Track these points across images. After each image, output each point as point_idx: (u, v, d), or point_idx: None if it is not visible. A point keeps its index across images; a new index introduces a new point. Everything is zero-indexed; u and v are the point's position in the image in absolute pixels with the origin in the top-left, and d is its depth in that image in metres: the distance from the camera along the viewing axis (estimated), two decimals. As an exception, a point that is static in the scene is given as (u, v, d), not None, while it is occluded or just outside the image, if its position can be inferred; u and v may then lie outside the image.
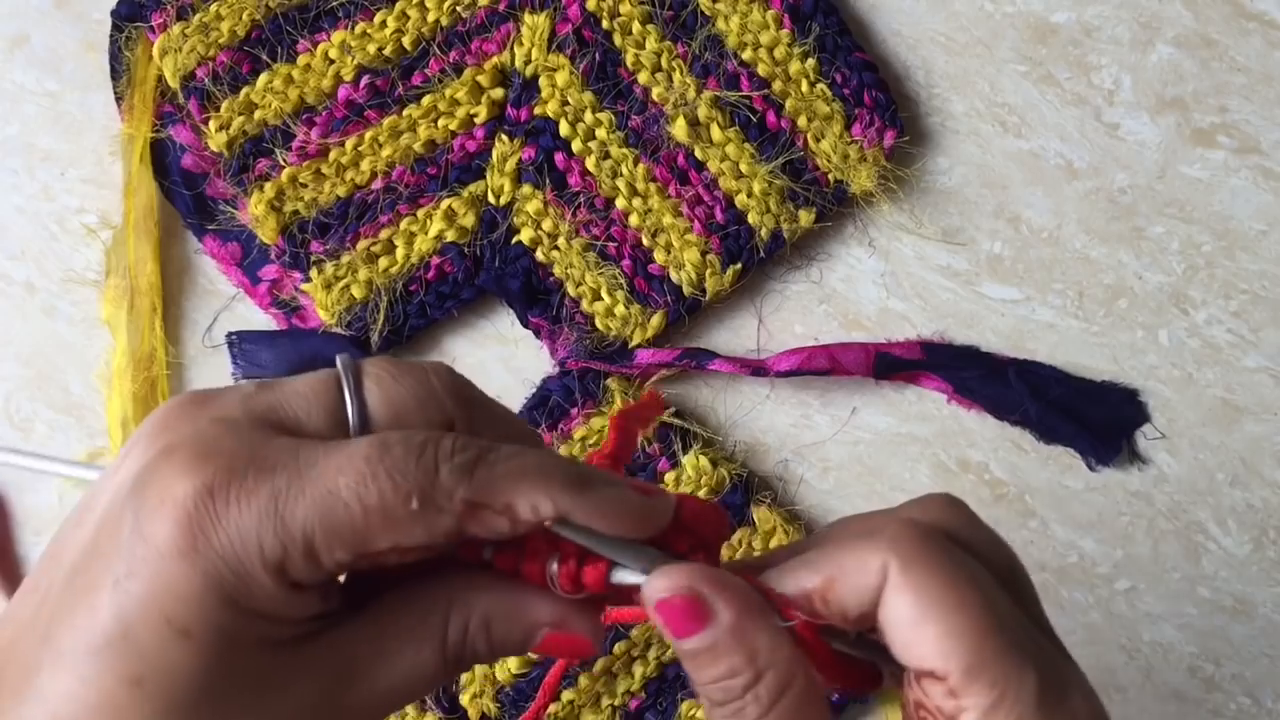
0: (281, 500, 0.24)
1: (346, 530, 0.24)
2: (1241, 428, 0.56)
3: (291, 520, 0.24)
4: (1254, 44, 0.57)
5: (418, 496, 0.24)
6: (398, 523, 0.24)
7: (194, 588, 0.24)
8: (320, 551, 0.24)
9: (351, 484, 0.24)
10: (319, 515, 0.24)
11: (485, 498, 0.25)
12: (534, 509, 0.26)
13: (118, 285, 0.58)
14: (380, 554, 0.25)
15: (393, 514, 0.24)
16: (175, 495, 0.24)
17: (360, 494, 0.24)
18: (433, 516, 0.25)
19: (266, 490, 0.24)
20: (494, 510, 0.25)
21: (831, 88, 0.56)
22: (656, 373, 0.57)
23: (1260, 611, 0.56)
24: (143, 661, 0.23)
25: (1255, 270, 0.57)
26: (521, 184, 0.57)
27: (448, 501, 0.25)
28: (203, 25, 0.56)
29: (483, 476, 0.25)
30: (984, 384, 0.56)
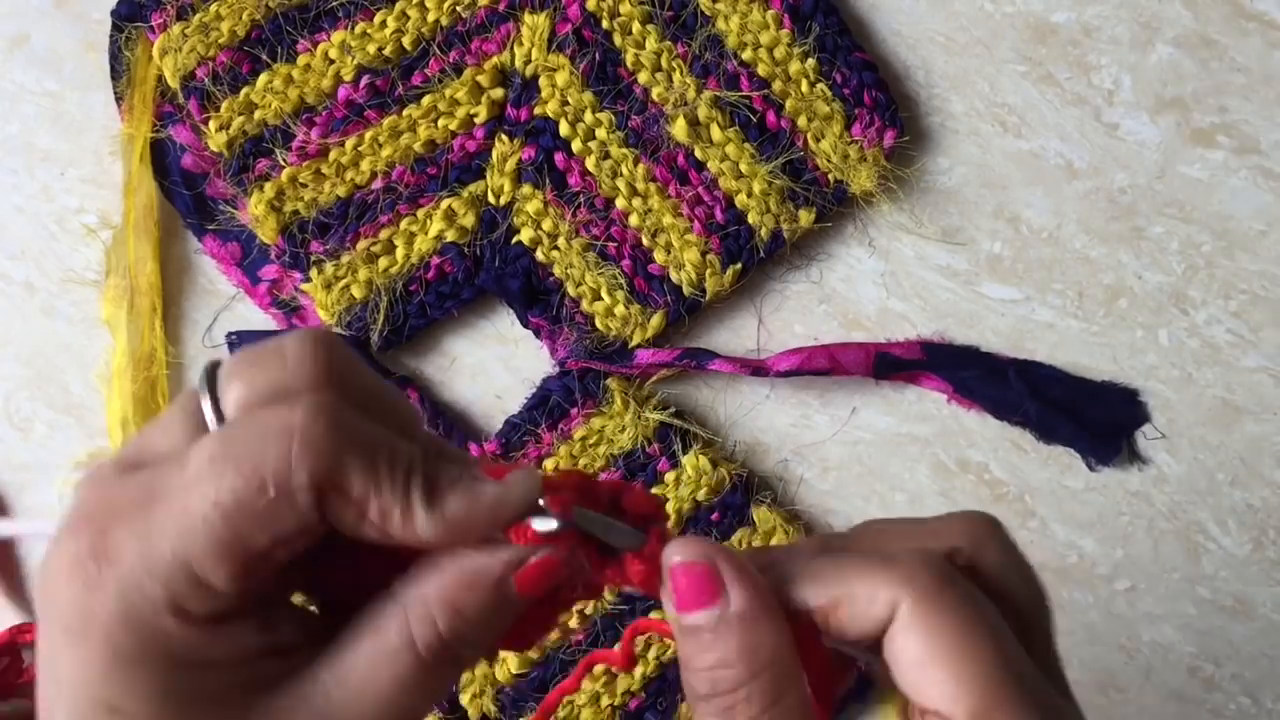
0: (147, 538, 0.23)
1: (215, 545, 0.23)
2: (1241, 428, 0.56)
3: (159, 555, 0.23)
4: (1254, 44, 0.57)
5: (273, 486, 0.23)
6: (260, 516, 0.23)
7: (104, 662, 0.23)
8: (204, 574, 0.23)
9: (204, 493, 0.23)
10: (184, 539, 0.23)
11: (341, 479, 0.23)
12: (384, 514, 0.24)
13: (117, 285, 0.58)
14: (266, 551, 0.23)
15: (252, 510, 0.23)
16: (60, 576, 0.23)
17: (215, 500, 0.23)
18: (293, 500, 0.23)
19: (132, 534, 0.23)
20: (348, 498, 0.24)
21: (831, 88, 0.56)
22: (656, 373, 0.57)
23: (1260, 611, 0.56)
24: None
25: (1255, 270, 0.57)
26: (521, 184, 0.57)
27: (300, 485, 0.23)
28: (203, 25, 0.56)
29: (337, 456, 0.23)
30: (984, 384, 0.56)
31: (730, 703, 0.25)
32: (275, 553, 0.23)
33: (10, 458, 0.59)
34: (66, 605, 0.23)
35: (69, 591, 0.23)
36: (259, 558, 0.23)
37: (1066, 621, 0.57)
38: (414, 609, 0.25)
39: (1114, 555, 0.57)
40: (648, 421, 0.56)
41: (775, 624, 0.26)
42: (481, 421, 0.59)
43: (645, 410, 0.56)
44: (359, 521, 0.24)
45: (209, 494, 0.23)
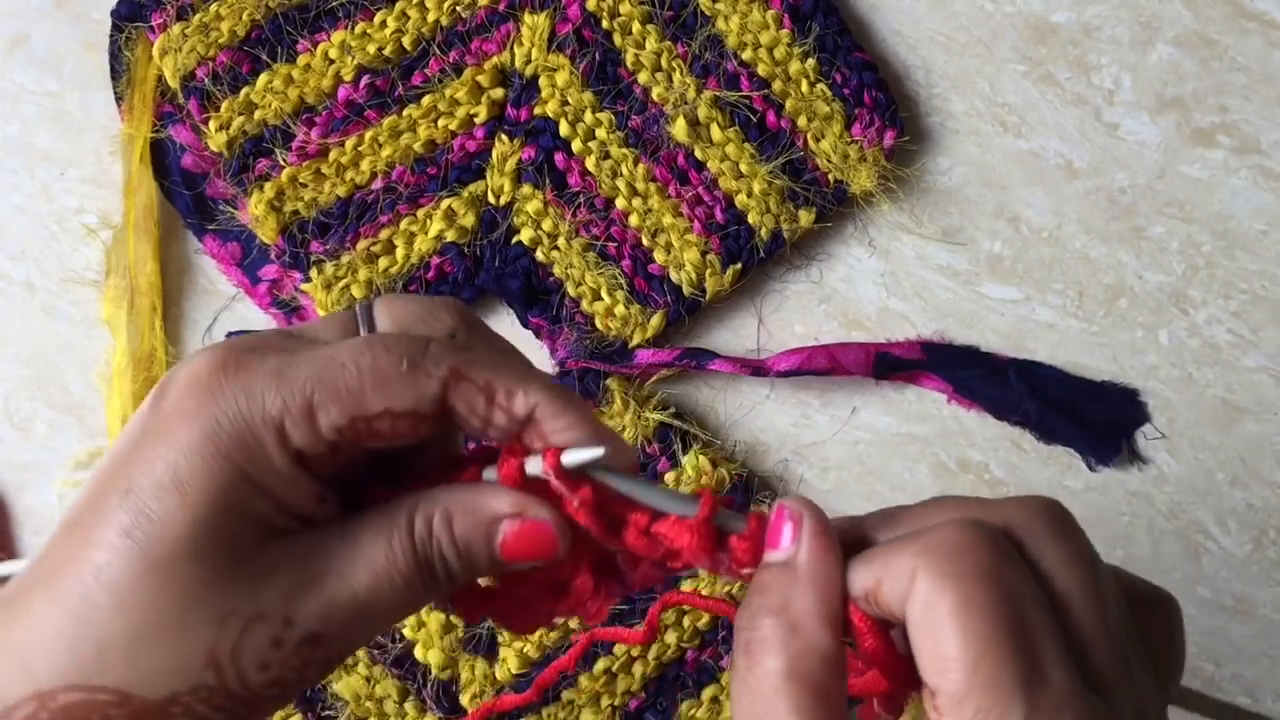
0: (285, 363, 0.26)
1: (342, 388, 0.26)
2: (1241, 428, 0.56)
3: (292, 378, 0.26)
4: (1254, 44, 0.57)
5: (407, 359, 0.27)
6: (388, 382, 0.27)
7: (196, 443, 0.26)
8: (317, 409, 0.26)
9: (349, 351, 0.27)
10: (318, 374, 0.26)
11: (468, 371, 0.27)
12: (509, 392, 0.27)
13: (118, 285, 0.58)
14: (373, 419, 0.27)
15: (384, 374, 0.27)
16: (194, 370, 0.27)
17: (356, 358, 0.27)
18: (421, 379, 0.27)
19: (274, 361, 0.27)
20: (475, 385, 0.27)
21: (831, 88, 0.56)
22: (656, 372, 0.57)
23: (1260, 611, 0.56)
24: (136, 514, 0.25)
25: (1255, 270, 0.57)
26: (521, 184, 0.57)
27: (435, 367, 0.27)
28: (203, 25, 0.56)
29: (468, 355, 0.28)
30: (984, 384, 0.56)
31: (749, 638, 0.27)
32: (379, 423, 0.27)
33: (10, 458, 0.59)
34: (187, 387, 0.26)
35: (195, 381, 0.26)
36: (364, 421, 0.27)
37: (1066, 621, 0.57)
38: (423, 506, 0.28)
39: (1114, 555, 0.57)
40: (648, 421, 0.56)
41: (817, 590, 0.27)
42: (481, 421, 0.59)
43: (645, 410, 0.56)
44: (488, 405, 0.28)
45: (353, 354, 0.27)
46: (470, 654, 0.55)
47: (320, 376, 0.26)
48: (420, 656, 0.55)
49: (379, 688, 0.55)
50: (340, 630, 0.27)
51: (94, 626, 0.25)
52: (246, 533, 0.26)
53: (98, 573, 0.25)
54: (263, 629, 0.26)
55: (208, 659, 0.26)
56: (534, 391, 0.28)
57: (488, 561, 0.29)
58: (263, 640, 0.26)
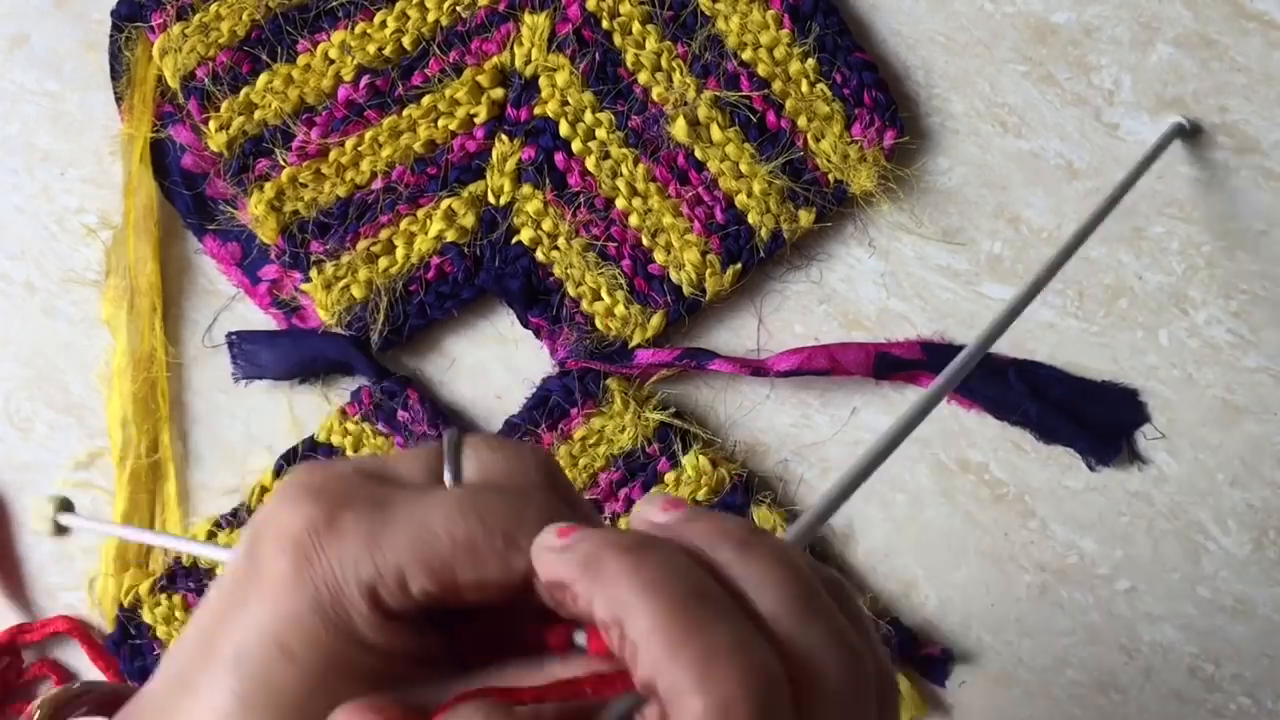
0: (379, 530, 0.26)
1: (435, 560, 0.26)
2: (1241, 428, 0.56)
3: (386, 548, 0.26)
4: (1254, 44, 0.57)
5: (503, 537, 0.26)
6: (483, 558, 0.26)
7: (300, 611, 0.26)
8: (410, 579, 0.26)
9: (443, 519, 0.26)
10: (411, 545, 0.26)
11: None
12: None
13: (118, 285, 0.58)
14: (463, 588, 0.26)
15: (479, 550, 0.26)
16: (287, 530, 0.26)
17: (450, 529, 0.26)
18: (515, 557, 0.26)
19: (366, 524, 0.26)
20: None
21: (831, 88, 0.56)
22: (656, 373, 0.57)
23: (1260, 611, 0.56)
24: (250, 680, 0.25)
25: (1255, 270, 0.57)
26: (521, 184, 0.57)
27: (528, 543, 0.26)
28: (203, 25, 0.56)
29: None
30: (984, 384, 0.56)
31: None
32: (468, 592, 0.27)
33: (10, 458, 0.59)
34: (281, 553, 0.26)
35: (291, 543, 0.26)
36: (455, 589, 0.26)
37: (1067, 621, 0.57)
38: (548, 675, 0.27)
39: (1114, 555, 0.57)
40: (648, 421, 0.56)
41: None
42: (482, 422, 0.59)
43: (645, 410, 0.56)
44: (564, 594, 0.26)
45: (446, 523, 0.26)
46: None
47: (414, 547, 0.26)
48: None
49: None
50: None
51: None
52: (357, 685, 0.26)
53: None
54: None
55: None
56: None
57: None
58: None
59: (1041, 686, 0.56)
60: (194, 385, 0.59)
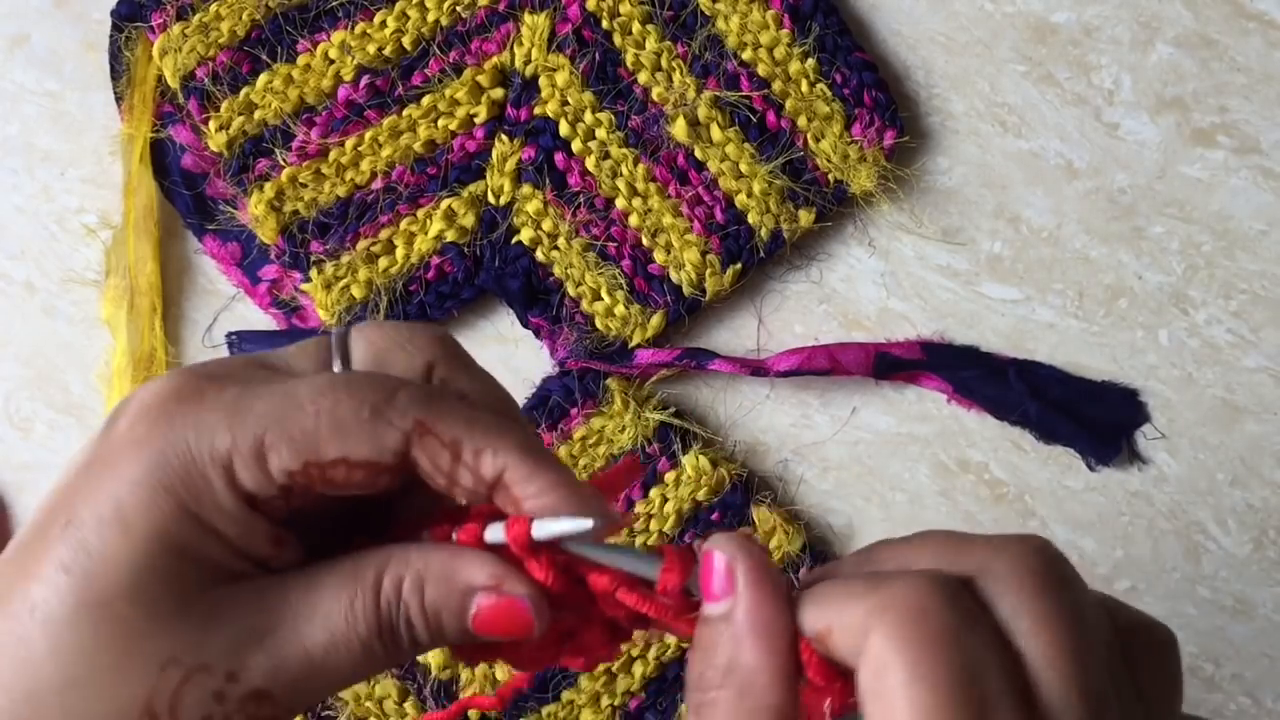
0: (241, 397, 0.25)
1: (296, 430, 0.25)
2: (1241, 428, 0.56)
3: (246, 414, 0.25)
4: (1254, 44, 0.57)
5: (370, 406, 0.25)
6: (346, 429, 0.25)
7: (141, 476, 0.24)
8: (269, 451, 0.24)
9: (309, 391, 0.25)
10: (272, 414, 0.25)
11: (435, 425, 0.25)
12: (476, 451, 0.26)
13: (118, 285, 0.58)
14: (327, 466, 0.25)
15: (343, 420, 0.25)
16: (146, 396, 0.25)
17: (316, 399, 0.25)
18: (382, 429, 0.25)
19: (231, 396, 0.25)
20: (441, 441, 0.25)
21: (831, 88, 0.56)
22: (656, 373, 0.57)
23: (1260, 611, 0.56)
24: (76, 547, 0.24)
25: (1255, 270, 0.57)
26: (521, 184, 0.57)
27: (399, 417, 0.25)
28: (203, 25, 0.56)
29: (437, 407, 0.26)
30: (984, 384, 0.56)
31: (700, 701, 0.25)
32: (333, 470, 0.25)
33: (10, 458, 0.59)
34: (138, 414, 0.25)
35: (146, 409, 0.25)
36: (318, 468, 0.25)
37: (1066, 621, 0.57)
38: (393, 566, 0.26)
39: (1114, 555, 0.57)
40: (648, 421, 0.56)
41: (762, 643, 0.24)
42: (481, 421, 0.59)
43: (645, 410, 0.56)
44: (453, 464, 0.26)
45: (313, 394, 0.25)
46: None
47: (275, 415, 0.25)
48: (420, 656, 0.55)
49: (379, 688, 0.55)
50: (289, 689, 0.25)
51: (28, 667, 0.24)
52: (193, 574, 0.25)
53: (34, 609, 0.24)
54: (205, 681, 0.24)
55: (144, 709, 0.24)
56: (504, 452, 0.26)
57: (458, 633, 0.27)
58: (204, 693, 0.24)
59: (1041, 686, 0.56)
60: (194, 385, 0.59)
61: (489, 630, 0.26)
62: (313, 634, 0.25)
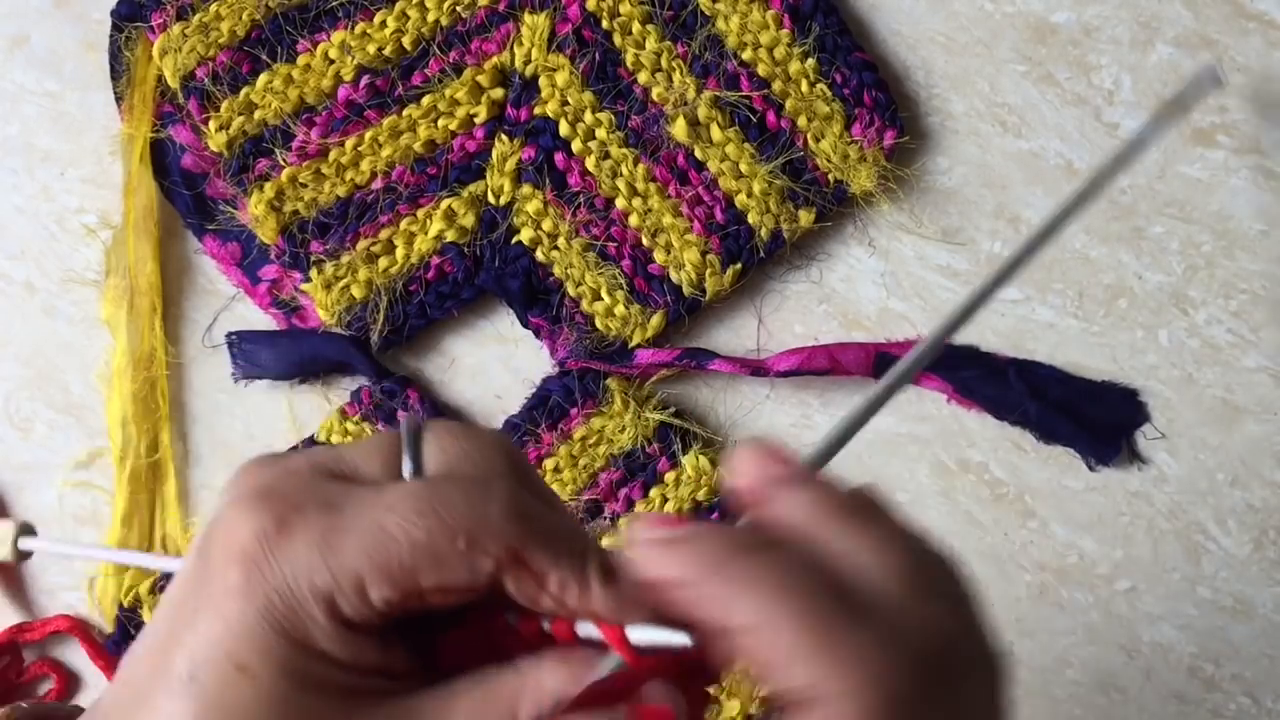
0: (333, 535, 0.25)
1: (394, 566, 0.25)
2: (1241, 428, 0.56)
3: (341, 554, 0.25)
4: (1254, 44, 0.57)
5: (464, 538, 0.25)
6: (442, 561, 0.25)
7: (251, 623, 0.24)
8: (369, 586, 0.25)
9: (401, 521, 0.25)
10: (368, 550, 0.25)
11: (526, 555, 0.26)
12: (562, 586, 0.26)
13: (117, 285, 0.58)
14: (426, 593, 0.25)
15: (439, 552, 0.25)
16: (237, 537, 0.25)
17: (409, 531, 0.25)
18: (477, 558, 0.25)
19: (319, 526, 0.25)
20: (530, 570, 0.26)
21: (831, 88, 0.56)
22: (656, 373, 0.57)
23: (1260, 612, 0.56)
24: (206, 700, 0.24)
25: (1255, 270, 0.57)
26: (521, 184, 0.57)
27: (493, 545, 0.25)
28: (203, 25, 0.56)
29: (528, 535, 0.26)
30: (984, 384, 0.56)
31: None
32: (432, 595, 0.25)
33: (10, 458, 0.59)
34: (231, 563, 0.25)
35: (241, 552, 0.25)
36: (417, 594, 0.25)
37: (1067, 621, 0.57)
38: (530, 683, 0.26)
39: (1114, 555, 0.57)
40: (648, 421, 0.56)
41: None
42: (481, 421, 0.59)
43: (645, 410, 0.56)
44: (537, 592, 0.26)
45: (404, 525, 0.25)
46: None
47: (370, 553, 0.25)
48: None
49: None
50: None
51: None
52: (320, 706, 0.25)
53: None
54: None
55: None
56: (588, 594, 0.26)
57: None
58: None
59: (1041, 686, 0.56)
60: (194, 385, 0.59)
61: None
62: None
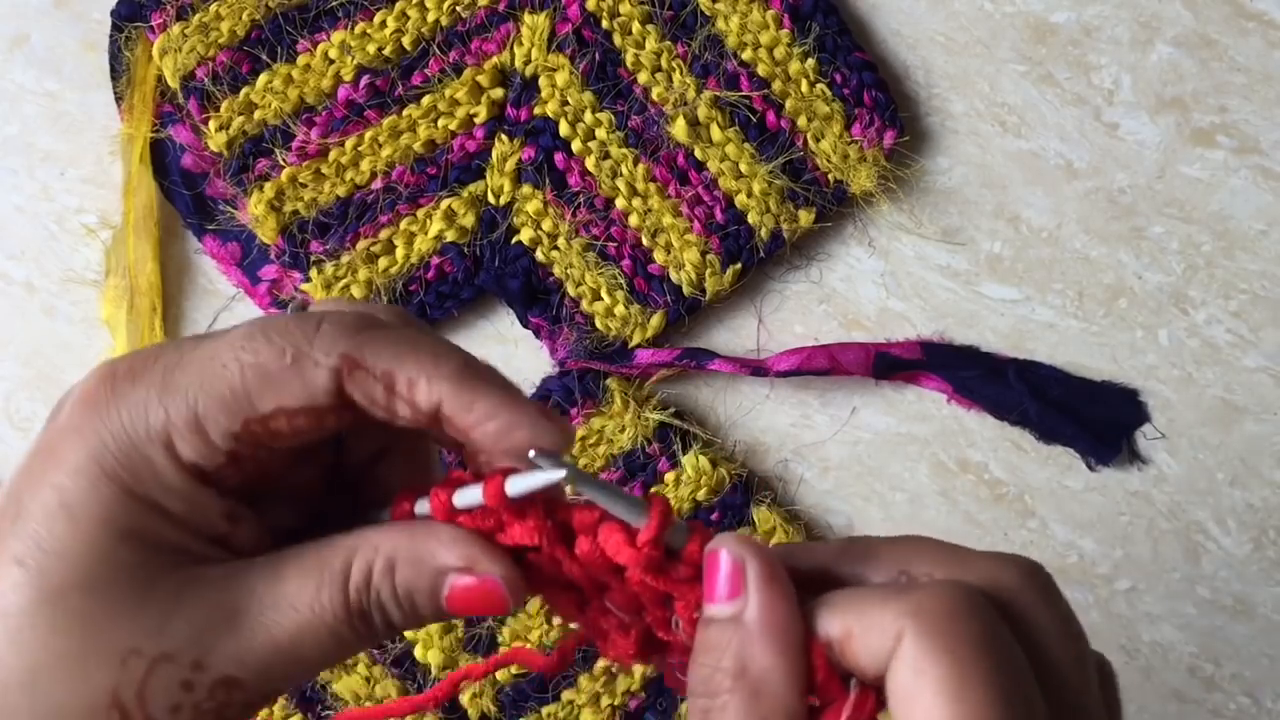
0: (170, 374, 0.25)
1: (227, 391, 0.24)
2: (1241, 428, 0.56)
3: (175, 390, 0.24)
4: (1254, 44, 0.57)
5: (291, 350, 0.24)
6: (274, 378, 0.24)
7: (82, 464, 0.24)
8: (206, 420, 0.24)
9: (230, 348, 0.25)
10: (201, 380, 0.24)
11: (364, 358, 0.25)
12: (410, 381, 0.25)
13: (118, 285, 0.58)
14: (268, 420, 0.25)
15: (267, 369, 0.24)
16: (84, 384, 0.25)
17: (239, 355, 0.24)
18: (309, 370, 0.24)
19: (159, 367, 0.25)
20: (373, 375, 0.25)
21: (831, 88, 0.56)
22: (656, 373, 0.57)
23: (1260, 611, 0.56)
24: (28, 541, 0.24)
25: (1255, 270, 0.57)
26: (521, 184, 0.57)
27: (324, 355, 0.25)
28: (203, 25, 0.56)
29: (364, 338, 0.25)
30: (984, 384, 0.56)
31: (707, 706, 0.24)
32: (275, 423, 0.25)
33: (10, 458, 0.59)
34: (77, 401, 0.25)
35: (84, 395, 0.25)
36: (259, 423, 0.25)
37: (1066, 621, 0.57)
38: (362, 552, 0.26)
39: (1114, 555, 0.57)
40: (648, 421, 0.56)
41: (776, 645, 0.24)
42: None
43: (645, 410, 0.56)
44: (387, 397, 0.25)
45: (234, 350, 0.25)
46: (470, 653, 0.55)
47: (203, 381, 0.24)
48: (420, 656, 0.55)
49: (379, 688, 0.55)
50: (259, 676, 0.25)
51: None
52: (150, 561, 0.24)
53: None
54: (171, 670, 0.24)
55: (111, 700, 0.24)
56: (438, 380, 0.25)
57: (433, 613, 0.26)
58: (171, 682, 0.24)
59: (1041, 686, 0.56)
60: (194, 385, 0.59)
61: (463, 610, 0.26)
62: (279, 622, 0.25)
